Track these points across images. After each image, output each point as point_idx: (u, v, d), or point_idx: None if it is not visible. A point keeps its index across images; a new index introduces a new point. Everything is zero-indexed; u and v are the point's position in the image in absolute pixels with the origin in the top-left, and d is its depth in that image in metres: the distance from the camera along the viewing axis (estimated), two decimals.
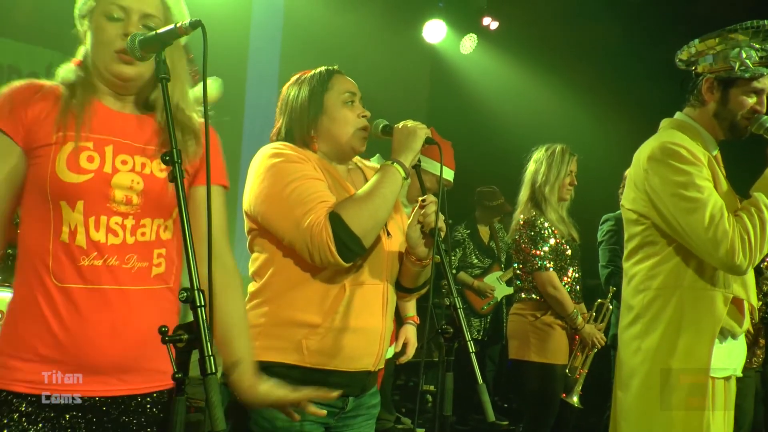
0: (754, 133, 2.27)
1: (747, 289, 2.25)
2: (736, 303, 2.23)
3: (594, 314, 3.92)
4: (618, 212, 4.26)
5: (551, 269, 3.60)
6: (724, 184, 2.27)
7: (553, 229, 3.62)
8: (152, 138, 1.59)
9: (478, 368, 1.69)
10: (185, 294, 1.27)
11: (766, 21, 2.17)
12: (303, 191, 1.78)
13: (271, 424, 1.81)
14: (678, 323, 2.22)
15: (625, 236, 2.44)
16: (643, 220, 2.33)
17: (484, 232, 5.88)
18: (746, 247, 2.10)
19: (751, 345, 4.19)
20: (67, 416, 1.46)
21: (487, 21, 7.43)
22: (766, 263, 4.34)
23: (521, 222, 3.68)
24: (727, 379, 2.29)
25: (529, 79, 7.30)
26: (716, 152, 2.35)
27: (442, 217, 1.83)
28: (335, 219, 1.73)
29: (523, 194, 3.75)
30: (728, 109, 2.27)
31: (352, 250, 1.74)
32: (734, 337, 2.27)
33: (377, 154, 3.58)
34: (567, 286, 3.67)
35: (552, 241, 3.61)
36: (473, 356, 1.67)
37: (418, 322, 3.22)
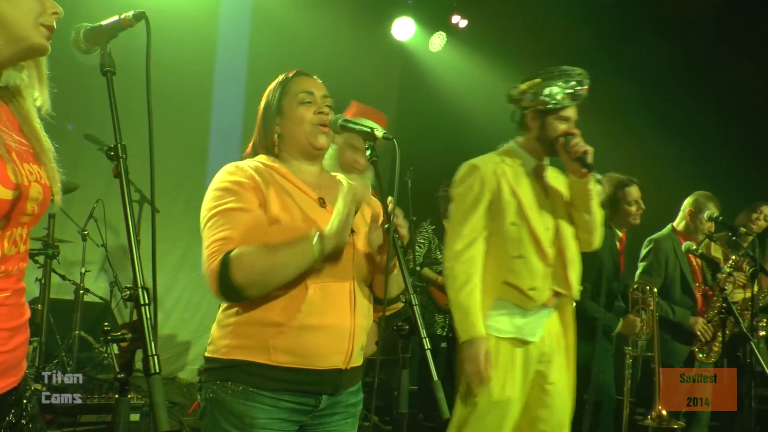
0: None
1: (520, 277, 2.82)
2: (517, 288, 2.82)
3: None
4: None
5: None
6: (529, 194, 2.88)
7: None
8: (22, 135, 1.47)
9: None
10: (128, 292, 1.24)
11: (566, 66, 2.87)
12: (220, 224, 1.83)
13: (241, 421, 1.81)
14: None
15: None
16: None
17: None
18: None
19: (710, 341, 4.25)
20: None
21: (456, 19, 7.44)
22: (729, 263, 4.41)
23: None
24: (520, 341, 2.85)
25: (497, 77, 7.32)
26: (535, 166, 2.96)
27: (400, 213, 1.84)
28: (225, 264, 1.77)
29: None
30: (546, 133, 2.90)
31: (230, 295, 1.81)
32: (524, 311, 2.84)
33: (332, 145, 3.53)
34: None
35: None
36: (428, 353, 1.68)
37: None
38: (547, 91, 2.84)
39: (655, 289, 4.18)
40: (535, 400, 2.88)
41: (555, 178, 3.03)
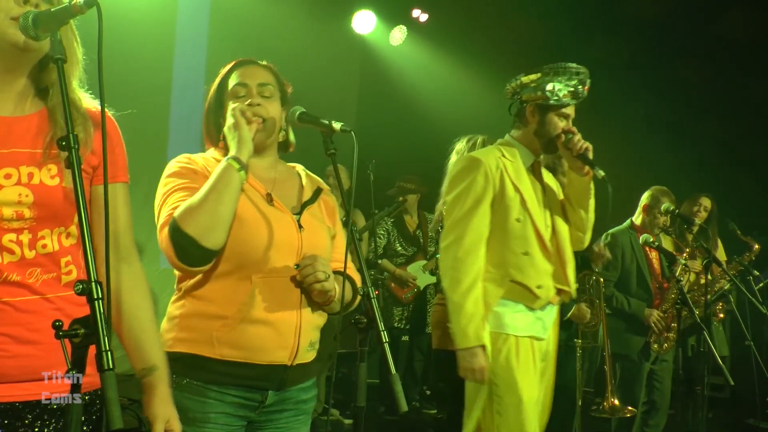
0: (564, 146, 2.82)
1: (527, 275, 2.77)
2: (525, 286, 2.76)
3: None
4: None
5: None
6: (529, 190, 2.82)
7: None
8: (37, 140, 1.47)
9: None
10: (81, 286, 1.21)
11: (570, 64, 2.79)
12: (170, 203, 1.81)
13: (186, 416, 1.77)
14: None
15: None
16: None
17: (410, 220, 5.89)
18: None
19: (664, 332, 4.35)
20: None
21: (416, 13, 7.44)
22: (684, 254, 4.50)
23: (443, 213, 3.69)
24: (534, 339, 2.80)
25: (458, 71, 7.37)
26: (533, 163, 2.91)
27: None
28: (171, 224, 1.75)
29: (445, 185, 3.76)
30: (545, 129, 2.84)
31: (190, 252, 1.75)
32: (531, 309, 2.78)
33: None
34: None
35: None
36: (386, 346, 1.68)
37: None
38: (549, 86, 2.77)
39: (603, 281, 4.28)
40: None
41: (547, 176, 3.00)
